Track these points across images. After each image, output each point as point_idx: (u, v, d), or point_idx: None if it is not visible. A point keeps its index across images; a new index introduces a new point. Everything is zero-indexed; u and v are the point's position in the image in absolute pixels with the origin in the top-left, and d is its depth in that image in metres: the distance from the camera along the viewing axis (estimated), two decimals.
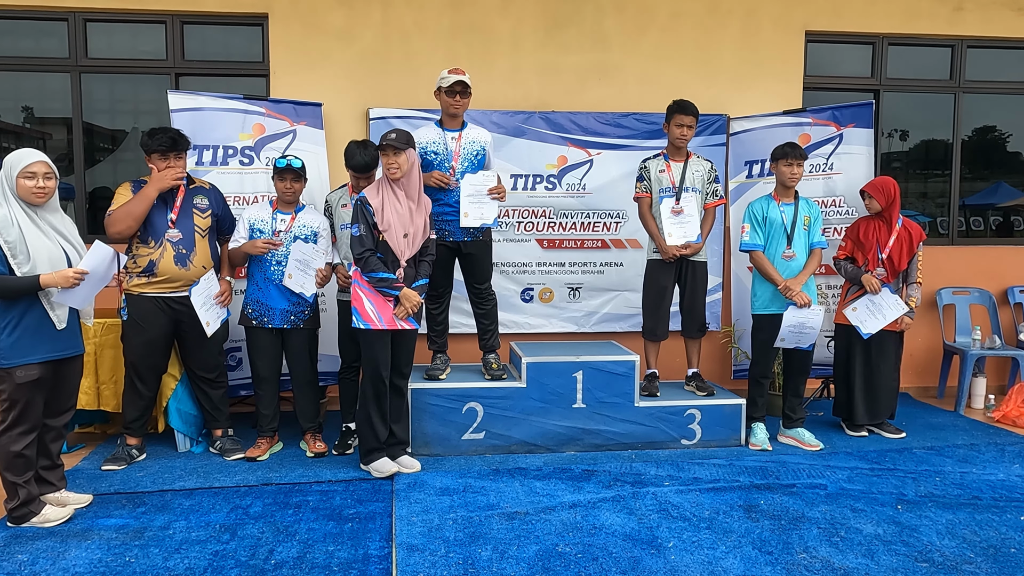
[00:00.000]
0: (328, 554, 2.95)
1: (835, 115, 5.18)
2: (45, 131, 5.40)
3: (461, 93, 4.06)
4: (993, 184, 6.23)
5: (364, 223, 3.67)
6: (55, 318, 3.14)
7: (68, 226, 3.26)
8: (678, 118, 4.35)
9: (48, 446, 3.31)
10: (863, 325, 4.52)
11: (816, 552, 3.01)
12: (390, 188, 3.71)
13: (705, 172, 4.47)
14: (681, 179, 4.40)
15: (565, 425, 4.25)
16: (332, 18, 5.16)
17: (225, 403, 4.26)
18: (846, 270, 4.62)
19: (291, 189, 4.04)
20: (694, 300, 4.47)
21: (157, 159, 3.87)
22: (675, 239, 4.35)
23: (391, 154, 3.63)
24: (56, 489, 3.37)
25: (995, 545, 3.09)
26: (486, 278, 4.29)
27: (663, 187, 4.42)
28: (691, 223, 4.36)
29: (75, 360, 3.31)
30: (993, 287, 5.86)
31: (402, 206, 3.71)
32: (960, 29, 5.76)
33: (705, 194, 4.48)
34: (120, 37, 5.17)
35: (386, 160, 3.65)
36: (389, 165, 3.65)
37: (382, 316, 3.69)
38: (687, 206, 4.37)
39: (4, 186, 3.08)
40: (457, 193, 4.08)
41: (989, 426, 4.97)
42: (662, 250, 4.39)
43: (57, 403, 3.27)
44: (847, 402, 4.71)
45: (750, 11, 5.52)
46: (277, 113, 4.86)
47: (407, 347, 3.91)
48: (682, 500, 3.53)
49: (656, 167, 4.46)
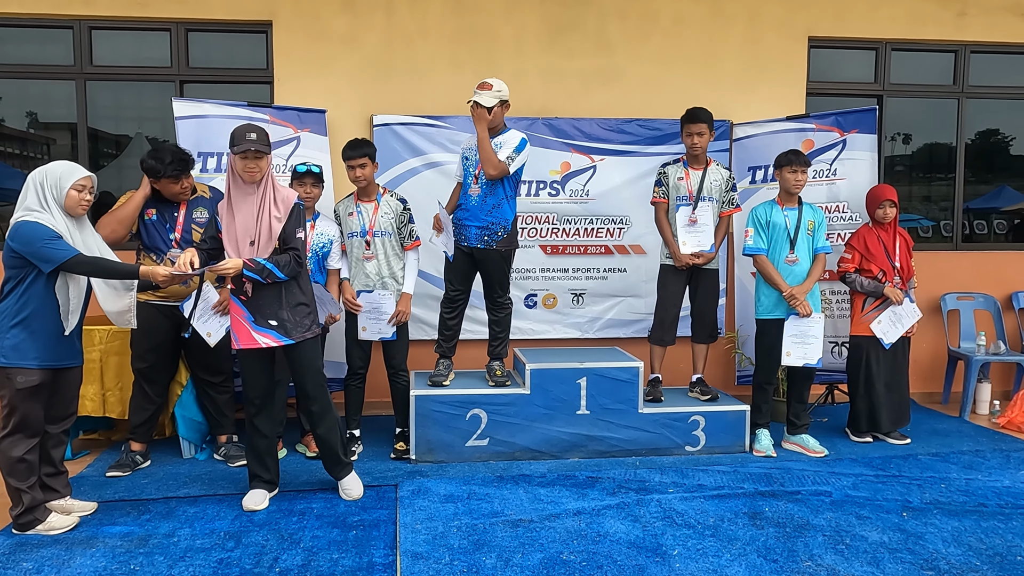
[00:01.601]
0: (332, 562, 2.95)
1: (838, 121, 5.18)
2: (50, 136, 5.43)
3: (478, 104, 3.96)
4: (997, 188, 6.22)
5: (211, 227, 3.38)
6: (67, 325, 3.16)
7: (97, 240, 3.32)
8: (688, 127, 4.41)
9: (50, 452, 3.31)
10: (886, 336, 4.54)
11: (821, 560, 3.00)
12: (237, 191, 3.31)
13: (723, 181, 4.50)
14: (699, 188, 4.42)
15: (569, 432, 4.24)
16: (336, 25, 5.17)
17: (231, 409, 4.27)
18: (862, 284, 4.56)
19: (311, 195, 4.08)
20: (705, 307, 4.51)
21: (169, 183, 3.86)
22: (688, 248, 4.40)
23: (249, 157, 3.24)
24: (61, 496, 3.37)
25: (1001, 553, 3.08)
26: (500, 288, 4.24)
27: (680, 195, 4.45)
28: (705, 232, 4.41)
29: (75, 368, 3.32)
30: (998, 292, 5.84)
31: (248, 211, 3.31)
32: (963, 34, 5.75)
33: (721, 203, 4.50)
34: (125, 45, 5.19)
35: (244, 161, 3.25)
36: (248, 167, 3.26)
37: (239, 336, 3.34)
38: (703, 216, 4.41)
39: (47, 195, 3.15)
40: (477, 198, 4.08)
41: (994, 432, 4.95)
42: (675, 257, 4.42)
43: (57, 410, 3.28)
44: (870, 413, 4.63)
45: (753, 16, 5.52)
46: (281, 120, 4.87)
47: (300, 362, 3.43)
48: (687, 507, 3.52)
49: (675, 174, 4.48)
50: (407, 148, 5.08)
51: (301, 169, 4.07)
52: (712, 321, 4.58)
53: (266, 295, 3.32)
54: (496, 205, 4.07)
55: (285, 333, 3.35)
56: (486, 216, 4.07)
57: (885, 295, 4.52)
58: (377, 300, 4.14)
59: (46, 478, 3.32)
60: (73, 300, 3.18)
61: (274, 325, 3.33)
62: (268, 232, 3.30)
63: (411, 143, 5.10)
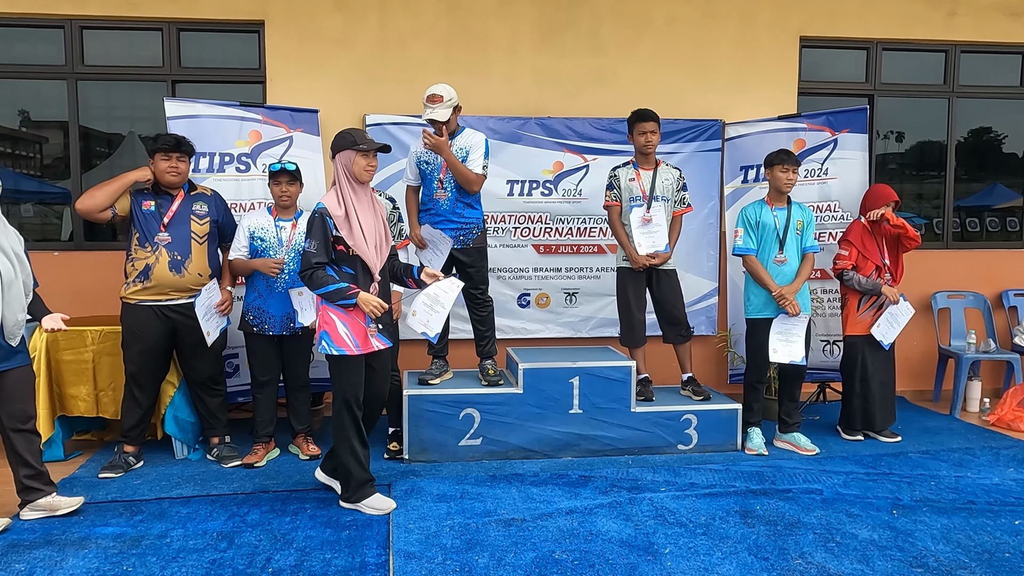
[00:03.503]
0: (325, 562, 2.96)
1: (830, 120, 5.20)
2: (41, 135, 5.41)
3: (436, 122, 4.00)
4: (989, 186, 6.25)
5: (321, 238, 3.30)
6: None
7: (10, 240, 3.23)
8: (639, 126, 4.43)
9: (22, 455, 3.31)
10: (886, 338, 4.57)
11: (812, 558, 3.02)
12: (354, 193, 3.37)
13: (674, 180, 4.53)
14: (651, 188, 4.44)
15: (562, 431, 4.26)
16: (329, 25, 5.17)
17: (223, 410, 4.27)
18: (860, 282, 4.56)
19: (286, 192, 4.05)
20: (669, 307, 4.51)
21: (160, 158, 3.90)
22: (644, 248, 4.41)
23: (371, 156, 3.38)
24: (45, 494, 3.37)
25: (989, 550, 3.11)
26: (483, 284, 4.31)
27: (633, 196, 4.47)
28: (659, 232, 4.42)
29: (15, 370, 3.29)
30: (988, 290, 5.88)
31: (370, 213, 3.42)
32: (954, 34, 5.78)
33: (674, 202, 4.52)
34: (117, 44, 5.17)
35: (368, 160, 3.36)
36: (370, 165, 3.37)
37: (357, 340, 3.35)
38: (656, 215, 4.43)
39: None
40: (447, 202, 4.12)
41: (984, 430, 4.99)
42: (632, 259, 4.44)
43: (12, 411, 3.27)
44: (864, 412, 4.65)
45: (746, 17, 5.54)
46: (274, 120, 4.87)
47: (385, 369, 3.56)
48: (678, 506, 3.54)
49: (626, 175, 4.50)
50: (399, 148, 5.08)
51: (275, 167, 4.03)
52: (681, 319, 4.54)
53: (383, 300, 3.45)
54: (468, 204, 4.18)
55: (389, 336, 3.51)
56: (459, 218, 4.16)
57: (883, 294, 4.54)
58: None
59: (26, 480, 3.33)
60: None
61: (381, 329, 3.45)
62: (386, 230, 3.49)
63: (404, 143, 5.10)
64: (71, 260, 5.05)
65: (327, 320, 3.35)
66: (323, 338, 3.35)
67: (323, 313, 3.36)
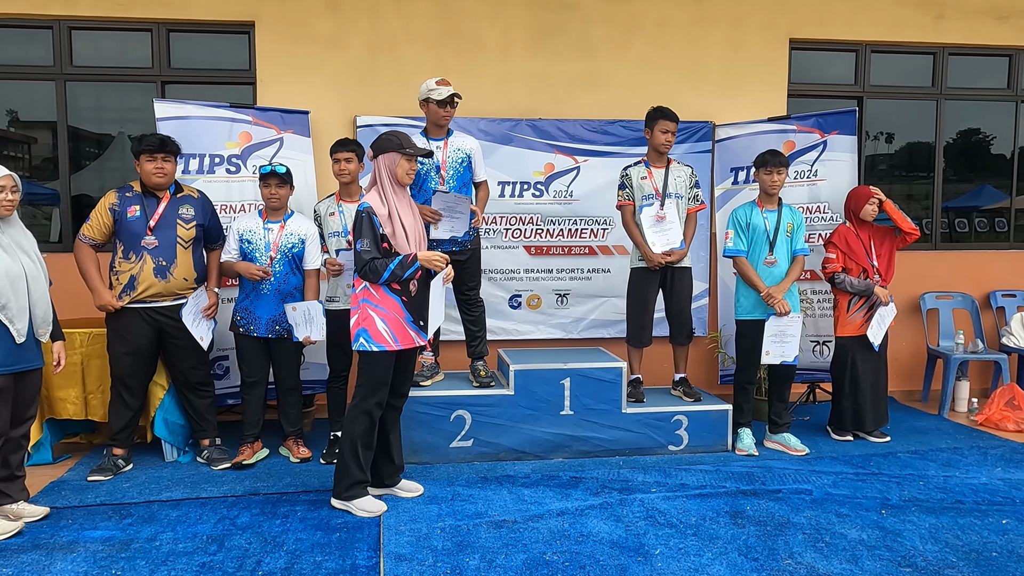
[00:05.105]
0: (316, 564, 2.95)
1: (819, 122, 5.23)
2: (30, 135, 5.38)
3: (451, 103, 4.06)
4: (977, 187, 6.30)
5: (371, 236, 3.35)
6: (15, 332, 3.15)
7: (29, 240, 3.28)
8: (662, 124, 4.38)
9: (8, 458, 3.29)
10: (877, 339, 4.59)
11: (801, 558, 3.04)
12: (395, 193, 3.46)
13: (686, 177, 4.51)
14: (664, 185, 4.43)
15: (553, 432, 4.26)
16: (320, 26, 5.16)
17: (212, 412, 4.25)
18: (851, 284, 4.58)
19: (276, 195, 4.05)
20: (680, 307, 4.50)
21: (145, 160, 3.89)
22: (659, 247, 4.37)
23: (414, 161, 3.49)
24: (13, 501, 3.33)
25: (977, 549, 3.13)
26: (475, 285, 4.30)
27: (646, 194, 4.45)
28: (673, 229, 4.39)
29: (35, 372, 3.30)
30: (976, 291, 5.93)
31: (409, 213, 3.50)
32: (942, 37, 5.83)
33: (687, 199, 4.51)
34: (105, 45, 5.15)
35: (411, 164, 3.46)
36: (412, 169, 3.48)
37: (397, 336, 3.43)
38: (669, 212, 4.40)
39: None
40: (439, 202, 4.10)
41: (972, 429, 5.02)
42: (647, 258, 4.40)
43: (16, 413, 3.26)
44: (855, 413, 4.66)
45: (736, 20, 5.56)
46: (264, 121, 4.86)
47: (411, 365, 3.69)
48: (669, 507, 3.55)
49: (638, 174, 4.48)
50: None
51: (265, 169, 4.03)
52: (688, 320, 4.56)
53: (421, 295, 3.49)
54: None
55: (426, 332, 3.55)
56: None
57: (875, 294, 4.56)
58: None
59: (0, 483, 3.30)
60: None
61: (421, 325, 3.51)
62: (422, 229, 3.57)
63: None
64: (60, 262, 4.97)
65: (366, 317, 3.41)
66: (360, 335, 3.42)
67: (362, 311, 3.42)
